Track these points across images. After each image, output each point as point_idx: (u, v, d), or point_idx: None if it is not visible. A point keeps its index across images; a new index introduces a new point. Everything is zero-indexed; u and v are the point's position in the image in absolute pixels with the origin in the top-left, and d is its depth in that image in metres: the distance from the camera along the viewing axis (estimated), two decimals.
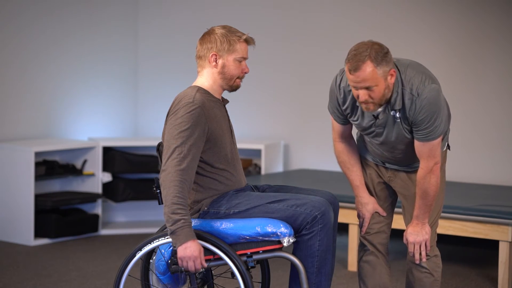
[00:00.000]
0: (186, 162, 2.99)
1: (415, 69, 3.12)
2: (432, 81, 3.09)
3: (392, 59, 3.08)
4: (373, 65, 2.99)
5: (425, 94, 3.05)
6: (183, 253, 2.94)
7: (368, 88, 3.03)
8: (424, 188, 3.17)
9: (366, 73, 3.00)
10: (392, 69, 3.04)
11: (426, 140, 3.12)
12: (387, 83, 3.04)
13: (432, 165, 3.15)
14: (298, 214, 3.09)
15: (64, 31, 6.37)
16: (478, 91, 5.81)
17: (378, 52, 3.00)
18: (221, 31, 3.17)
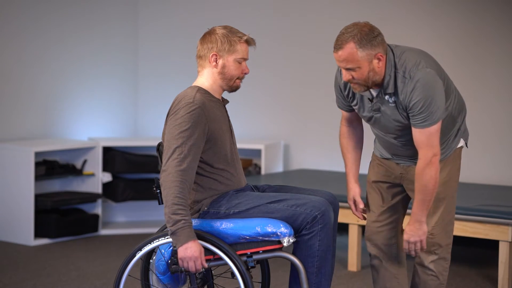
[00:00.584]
0: (186, 163, 2.99)
1: (413, 53, 3.08)
2: (427, 65, 3.04)
3: (383, 43, 3.04)
4: (355, 46, 2.99)
5: (417, 77, 3.00)
6: (183, 254, 2.94)
7: (350, 69, 3.04)
8: (423, 182, 3.09)
9: (346, 53, 3.00)
10: (379, 53, 3.02)
11: (422, 126, 3.05)
12: (372, 66, 3.02)
13: (431, 156, 3.07)
14: (298, 214, 3.09)
15: (65, 31, 6.37)
16: (478, 91, 5.81)
17: (365, 35, 2.99)
18: (222, 31, 3.17)
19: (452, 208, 3.28)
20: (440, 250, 3.26)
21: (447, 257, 3.28)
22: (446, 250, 3.27)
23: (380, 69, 3.04)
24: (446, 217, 3.26)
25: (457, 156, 3.28)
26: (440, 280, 3.27)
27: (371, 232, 3.44)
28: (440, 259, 3.26)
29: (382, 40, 3.04)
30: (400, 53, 3.08)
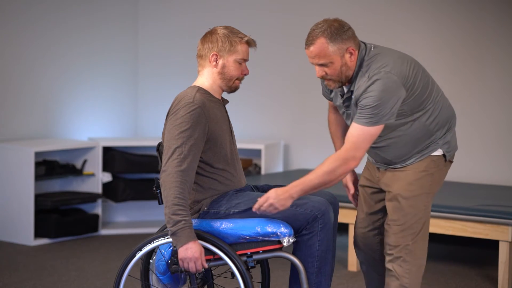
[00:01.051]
0: (186, 163, 2.99)
1: (388, 57, 3.03)
2: (395, 71, 2.97)
3: (354, 38, 3.03)
4: (326, 41, 3.00)
5: (375, 77, 2.96)
6: (184, 254, 2.94)
7: (323, 65, 3.04)
8: (326, 169, 2.97)
9: (318, 49, 3.02)
10: (350, 47, 3.01)
11: (360, 121, 2.97)
12: (344, 60, 3.02)
13: (350, 157, 2.98)
14: (298, 214, 3.09)
15: (64, 31, 6.36)
16: (478, 91, 5.81)
17: (335, 29, 3.00)
18: (223, 32, 3.17)
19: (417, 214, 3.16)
20: (395, 251, 3.17)
21: (407, 258, 3.16)
22: (404, 251, 3.16)
23: (352, 63, 3.03)
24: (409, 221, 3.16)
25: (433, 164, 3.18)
26: (400, 281, 3.16)
27: (356, 237, 3.44)
28: (396, 258, 3.17)
29: (352, 34, 3.04)
30: (374, 54, 3.05)
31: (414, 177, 3.17)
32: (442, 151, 3.18)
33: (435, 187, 3.22)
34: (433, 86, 3.16)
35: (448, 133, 3.20)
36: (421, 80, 3.09)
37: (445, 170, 3.25)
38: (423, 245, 3.22)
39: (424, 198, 3.18)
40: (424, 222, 3.20)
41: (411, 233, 3.17)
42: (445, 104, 3.20)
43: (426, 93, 3.10)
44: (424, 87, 3.10)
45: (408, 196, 3.17)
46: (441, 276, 4.91)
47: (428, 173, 3.17)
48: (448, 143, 3.20)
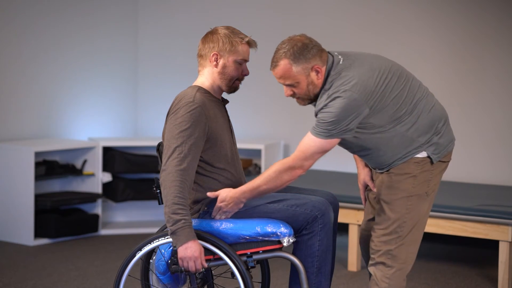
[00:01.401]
0: (186, 162, 2.99)
1: (354, 69, 2.98)
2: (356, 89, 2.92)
3: (320, 55, 2.99)
4: (289, 62, 2.99)
5: (335, 96, 2.93)
6: (183, 254, 2.94)
7: (290, 85, 3.03)
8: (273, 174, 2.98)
9: (281, 70, 3.01)
10: (315, 65, 2.99)
11: (313, 130, 2.97)
12: (310, 79, 3.01)
13: (298, 165, 2.98)
14: (298, 214, 3.09)
15: (64, 31, 6.37)
16: (478, 91, 5.81)
17: (298, 49, 2.98)
18: (224, 32, 3.18)
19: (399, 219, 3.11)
20: (376, 255, 3.14)
21: (388, 263, 3.12)
22: (386, 256, 3.12)
23: (319, 80, 3.01)
24: (391, 225, 3.12)
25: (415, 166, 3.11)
26: (380, 286, 3.12)
27: (360, 239, 3.43)
28: (378, 263, 3.14)
29: (318, 51, 3.00)
30: (341, 69, 2.99)
31: (395, 180, 3.11)
32: (427, 153, 3.10)
33: (421, 189, 3.12)
34: (411, 93, 3.07)
35: (435, 136, 3.11)
36: (393, 92, 3.01)
37: (436, 170, 3.15)
38: (412, 248, 3.14)
39: (406, 201, 3.10)
40: (413, 225, 3.12)
41: (395, 237, 3.11)
42: (427, 107, 3.10)
43: (400, 103, 3.02)
44: (397, 97, 3.02)
45: (389, 200, 3.12)
46: (441, 276, 4.91)
47: (410, 176, 3.10)
48: (434, 145, 3.11)
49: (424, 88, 3.17)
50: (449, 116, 3.24)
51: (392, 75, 3.05)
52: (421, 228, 3.17)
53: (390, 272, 3.12)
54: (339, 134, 2.96)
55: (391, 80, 3.03)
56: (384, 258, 3.12)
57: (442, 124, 3.14)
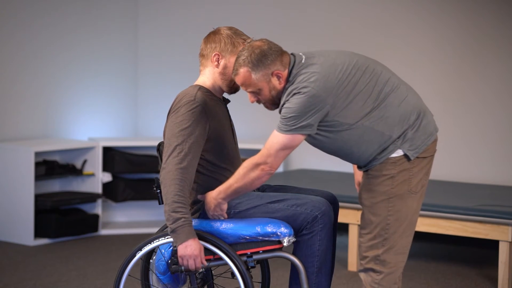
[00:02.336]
0: (187, 161, 2.99)
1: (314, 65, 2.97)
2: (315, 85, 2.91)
3: (280, 59, 2.97)
4: (248, 70, 2.97)
5: (293, 92, 2.93)
6: (183, 252, 2.94)
7: (252, 92, 3.02)
8: (243, 173, 3.01)
9: (242, 78, 2.99)
10: (276, 71, 2.97)
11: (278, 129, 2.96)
12: (272, 84, 2.99)
13: (262, 161, 2.97)
14: (298, 214, 3.09)
15: (64, 30, 6.36)
16: (479, 91, 5.81)
17: (256, 56, 2.96)
18: (227, 32, 3.18)
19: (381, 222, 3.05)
20: (364, 261, 3.09)
21: (377, 268, 3.07)
22: (374, 261, 3.07)
23: (281, 85, 2.99)
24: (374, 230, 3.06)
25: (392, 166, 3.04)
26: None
27: None
28: (368, 270, 3.09)
29: (278, 56, 2.97)
30: (302, 66, 2.98)
31: (373, 182, 3.05)
32: (402, 151, 3.02)
33: (401, 189, 3.04)
34: (378, 87, 3.00)
35: (409, 130, 3.02)
36: (358, 87, 2.97)
37: (417, 167, 3.06)
38: (401, 250, 3.08)
39: (386, 203, 3.04)
40: (398, 227, 3.05)
41: (381, 241, 3.05)
42: (396, 101, 3.02)
43: (365, 99, 2.98)
44: (362, 93, 2.98)
45: (369, 204, 3.07)
46: (441, 276, 4.91)
47: (388, 177, 3.03)
48: (409, 141, 3.02)
49: (396, 81, 3.06)
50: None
51: (357, 70, 3.00)
52: (410, 228, 3.08)
53: (379, 278, 3.07)
54: (299, 129, 2.94)
55: (355, 75, 2.99)
56: (373, 264, 3.07)
57: (415, 118, 3.03)
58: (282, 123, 2.96)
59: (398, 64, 6.00)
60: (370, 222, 3.06)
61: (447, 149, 5.85)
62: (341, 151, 3.08)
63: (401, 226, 3.06)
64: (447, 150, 5.85)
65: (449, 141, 5.86)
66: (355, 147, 3.04)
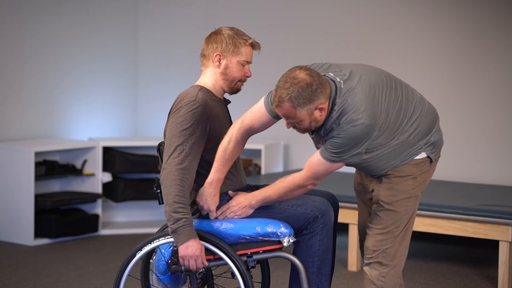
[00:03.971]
0: (187, 161, 3.00)
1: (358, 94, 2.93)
2: (366, 114, 2.90)
3: (324, 91, 2.90)
4: (293, 105, 2.88)
5: (346, 127, 2.91)
6: (184, 252, 2.95)
7: (292, 122, 2.97)
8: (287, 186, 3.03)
9: (285, 111, 2.92)
10: (320, 105, 2.90)
11: (324, 155, 2.96)
12: (313, 117, 2.93)
13: (309, 183, 3.01)
14: (298, 214, 3.10)
15: (63, 29, 6.36)
16: (480, 90, 5.81)
17: (302, 92, 2.87)
18: (228, 33, 3.18)
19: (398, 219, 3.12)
20: (374, 255, 3.14)
21: (384, 262, 3.13)
22: (382, 255, 3.13)
23: (322, 117, 2.95)
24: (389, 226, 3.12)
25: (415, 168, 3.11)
26: (376, 285, 3.14)
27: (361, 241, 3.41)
28: (374, 263, 3.14)
29: (322, 89, 2.90)
30: (345, 92, 2.93)
31: (395, 181, 3.11)
32: (426, 153, 3.12)
33: (418, 190, 3.15)
34: (408, 102, 3.06)
35: (433, 136, 3.12)
36: (394, 106, 3.00)
37: (431, 170, 3.18)
38: (404, 245, 3.17)
39: (406, 202, 3.12)
40: (405, 224, 3.15)
41: (391, 236, 3.13)
42: (423, 112, 3.10)
43: (401, 116, 3.03)
44: (398, 111, 3.02)
45: (389, 202, 3.12)
46: (441, 276, 4.91)
47: (411, 177, 3.11)
48: (432, 145, 3.12)
49: (416, 91, 3.15)
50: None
51: (390, 89, 3.02)
52: (412, 226, 3.20)
53: (385, 271, 3.13)
54: (349, 158, 2.96)
55: (390, 94, 3.01)
56: (381, 257, 3.14)
57: (437, 124, 3.16)
58: (332, 153, 2.95)
59: (401, 64, 6.00)
60: (386, 218, 3.12)
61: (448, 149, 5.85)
62: (364, 164, 3.09)
63: (411, 223, 3.17)
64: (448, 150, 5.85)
65: (451, 141, 5.86)
66: (382, 161, 3.08)
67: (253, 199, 3.10)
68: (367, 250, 3.17)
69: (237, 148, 3.11)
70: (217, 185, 3.11)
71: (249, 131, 3.10)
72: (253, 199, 3.10)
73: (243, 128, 3.09)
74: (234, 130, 3.09)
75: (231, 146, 3.09)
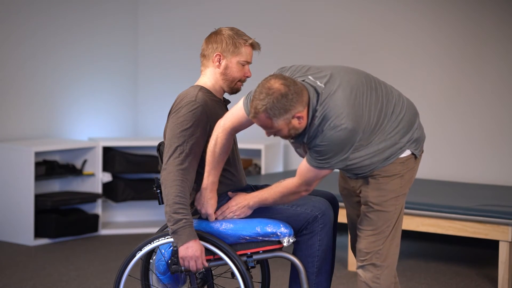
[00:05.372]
0: (187, 162, 3.00)
1: (340, 100, 2.89)
2: (348, 119, 2.87)
3: (300, 99, 2.86)
4: (268, 116, 2.86)
5: (328, 134, 2.88)
6: (184, 253, 2.95)
7: (270, 132, 2.94)
8: (282, 191, 3.05)
9: (261, 122, 2.90)
10: (297, 113, 2.86)
11: (311, 164, 2.95)
12: (291, 125, 2.89)
13: (303, 190, 3.02)
14: (298, 214, 3.10)
15: (63, 29, 6.36)
16: (480, 89, 5.81)
17: (277, 103, 2.84)
18: (228, 33, 3.18)
19: (389, 219, 3.11)
20: (367, 257, 3.12)
21: (377, 263, 3.11)
22: (375, 256, 3.11)
23: (301, 124, 2.91)
24: (380, 226, 3.11)
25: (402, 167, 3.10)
26: (371, 286, 3.12)
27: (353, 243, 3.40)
28: (368, 265, 3.12)
29: (298, 97, 2.86)
30: (325, 97, 2.90)
31: (382, 181, 3.09)
32: (410, 151, 3.09)
33: (406, 187, 3.14)
34: (388, 102, 3.03)
35: (415, 132, 3.10)
36: (375, 108, 2.98)
37: (416, 167, 3.16)
38: (395, 244, 3.15)
39: (394, 201, 3.11)
40: (395, 223, 3.13)
41: (383, 237, 3.11)
42: (403, 109, 3.07)
43: (381, 116, 3.00)
44: (379, 112, 3.00)
45: (378, 202, 3.10)
46: (441, 276, 4.91)
47: (397, 176, 3.09)
48: (415, 141, 3.10)
49: (394, 89, 3.11)
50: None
51: (371, 90, 2.99)
52: (401, 224, 3.19)
53: (379, 272, 3.11)
54: (336, 164, 2.95)
55: (371, 95, 2.98)
56: (374, 259, 3.12)
57: (417, 120, 3.13)
58: (319, 161, 2.93)
59: (401, 64, 6.00)
60: (377, 219, 3.11)
61: (448, 149, 5.85)
62: (349, 166, 3.07)
63: (400, 221, 3.16)
64: (448, 150, 5.85)
65: (451, 141, 5.86)
66: (366, 161, 3.06)
67: (251, 200, 3.11)
68: (360, 253, 3.14)
69: (224, 149, 3.09)
70: (212, 188, 3.11)
71: (231, 132, 3.08)
72: (251, 200, 3.11)
73: (225, 130, 3.07)
74: (218, 133, 3.07)
75: (218, 149, 3.08)
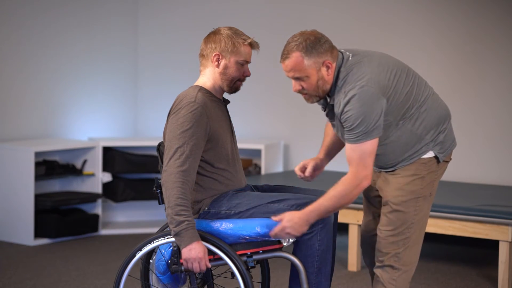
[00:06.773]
0: (188, 163, 2.99)
1: (364, 67, 2.97)
2: (370, 83, 2.92)
3: (331, 51, 2.98)
4: (301, 54, 2.95)
5: (351, 94, 2.92)
6: (187, 255, 2.94)
7: (299, 79, 3.00)
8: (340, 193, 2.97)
9: (293, 63, 2.97)
10: (327, 61, 2.97)
11: (354, 141, 2.94)
12: (321, 74, 2.97)
13: (362, 177, 2.95)
14: None
15: (63, 29, 6.36)
16: (480, 90, 5.81)
17: (311, 42, 2.96)
18: (227, 32, 3.18)
19: (408, 220, 3.12)
20: (385, 258, 3.13)
21: (396, 265, 3.12)
22: (394, 259, 3.12)
23: (329, 77, 2.98)
24: (399, 227, 3.12)
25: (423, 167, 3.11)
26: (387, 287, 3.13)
27: (363, 241, 3.38)
28: (386, 266, 3.14)
29: (329, 47, 2.99)
30: (351, 64, 2.99)
31: (403, 181, 3.11)
32: (434, 152, 3.12)
33: (427, 190, 3.14)
34: (419, 90, 3.08)
35: (441, 133, 3.13)
36: (404, 87, 3.03)
37: (440, 171, 3.17)
38: (416, 249, 3.17)
39: (414, 203, 3.12)
40: (417, 227, 3.14)
41: (402, 239, 3.12)
42: (434, 105, 3.12)
43: (411, 99, 3.04)
44: (408, 94, 3.03)
45: (397, 202, 3.11)
46: (441, 276, 4.91)
47: (418, 177, 3.11)
48: (440, 144, 3.13)
49: (429, 86, 3.18)
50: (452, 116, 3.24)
51: (401, 72, 3.06)
52: (424, 229, 3.19)
53: (396, 275, 3.13)
54: (373, 132, 2.94)
55: (401, 76, 3.04)
56: (393, 260, 3.13)
57: (447, 122, 3.16)
58: (355, 133, 2.93)
59: None
60: (396, 220, 3.11)
61: None
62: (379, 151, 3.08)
63: (422, 226, 3.17)
64: None
65: None
66: (390, 148, 3.08)
67: (309, 215, 2.99)
68: (379, 253, 3.16)
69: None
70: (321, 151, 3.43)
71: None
72: (309, 215, 2.99)
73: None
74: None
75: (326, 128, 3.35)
